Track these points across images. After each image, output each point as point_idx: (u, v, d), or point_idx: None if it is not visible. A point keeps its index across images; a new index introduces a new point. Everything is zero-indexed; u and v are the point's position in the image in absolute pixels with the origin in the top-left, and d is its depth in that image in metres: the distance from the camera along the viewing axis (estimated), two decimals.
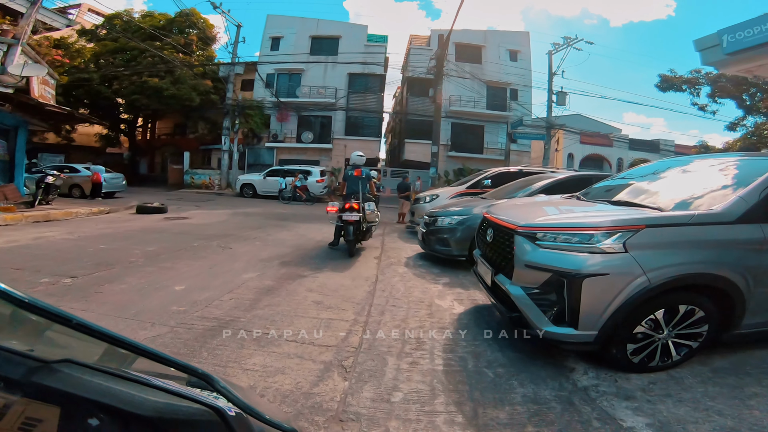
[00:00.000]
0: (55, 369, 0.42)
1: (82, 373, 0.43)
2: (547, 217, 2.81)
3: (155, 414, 0.44)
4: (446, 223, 5.63)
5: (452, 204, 6.50)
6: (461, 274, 5.28)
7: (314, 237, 7.92)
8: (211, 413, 0.46)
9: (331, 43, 25.72)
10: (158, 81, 20.97)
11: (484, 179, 8.58)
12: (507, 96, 25.17)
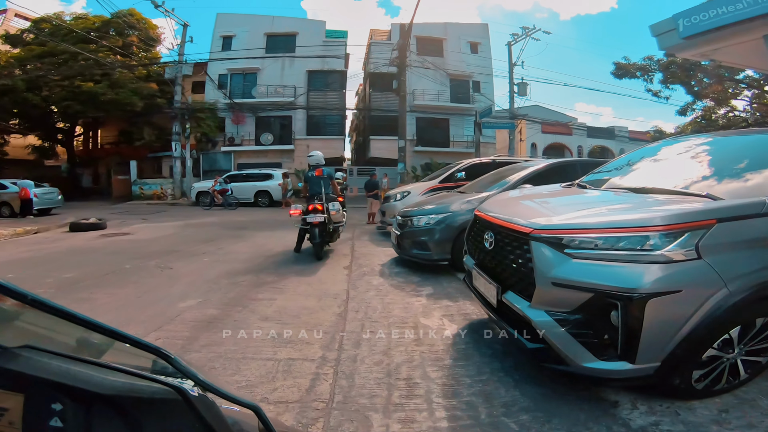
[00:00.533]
0: (15, 353, 0.42)
1: (42, 357, 0.43)
2: (572, 215, 2.11)
3: (116, 393, 0.43)
4: (422, 223, 4.91)
5: (426, 201, 5.79)
6: (445, 281, 4.59)
7: (274, 247, 7.00)
8: (172, 392, 0.46)
9: (287, 40, 24.53)
10: (93, 85, 19.04)
11: (457, 172, 7.98)
12: (470, 88, 24.99)
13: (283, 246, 7.11)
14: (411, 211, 5.24)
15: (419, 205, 5.45)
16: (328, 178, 6.49)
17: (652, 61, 20.11)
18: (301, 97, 22.98)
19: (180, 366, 0.49)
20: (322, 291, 4.24)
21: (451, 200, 5.18)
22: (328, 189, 6.43)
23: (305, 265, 5.51)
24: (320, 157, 6.66)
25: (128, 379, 0.46)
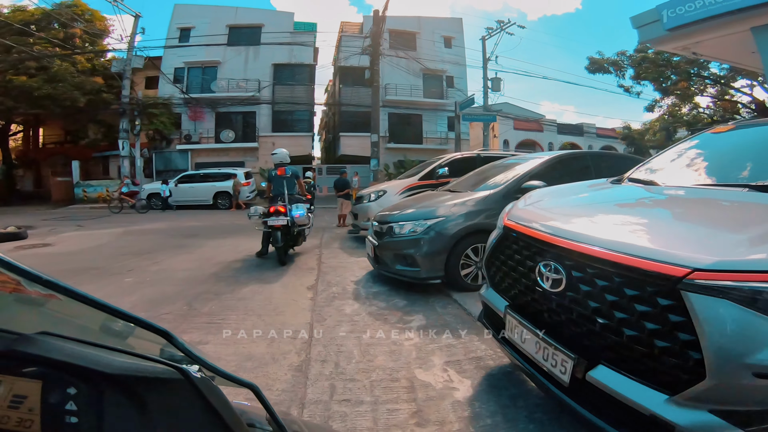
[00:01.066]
0: (34, 339, 0.44)
1: (58, 342, 0.45)
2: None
3: (123, 372, 0.45)
4: (406, 231, 3.88)
5: (407, 203, 4.75)
6: (438, 304, 3.60)
7: (224, 259, 5.78)
8: (174, 372, 0.48)
9: (252, 32, 22.94)
10: (27, 79, 16.83)
11: (439, 167, 7.02)
12: (443, 83, 24.30)
13: (236, 256, 5.91)
14: (391, 215, 4.20)
15: (400, 208, 4.40)
16: (293, 177, 6.08)
17: (624, 56, 20.11)
18: (266, 91, 21.48)
19: (182, 346, 0.51)
20: (276, 326, 3.13)
21: (439, 201, 4.17)
22: (293, 189, 6.01)
23: (259, 284, 4.36)
24: (284, 155, 6.16)
25: (136, 360, 0.48)
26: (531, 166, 4.17)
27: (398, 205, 4.69)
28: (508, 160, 5.30)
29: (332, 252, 6.37)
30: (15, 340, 0.44)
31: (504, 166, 4.83)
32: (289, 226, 5.55)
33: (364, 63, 21.41)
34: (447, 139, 23.62)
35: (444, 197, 4.31)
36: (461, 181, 5.19)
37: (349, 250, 6.46)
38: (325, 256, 5.98)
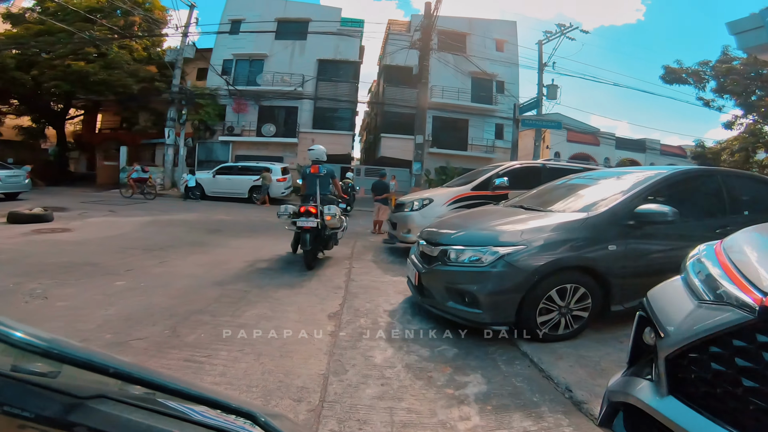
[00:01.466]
0: (89, 407, 0.40)
1: (118, 411, 0.41)
2: None
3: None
4: (467, 259, 2.86)
5: (466, 220, 3.69)
6: (501, 357, 2.62)
7: (239, 264, 5.05)
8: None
9: (299, 26, 22.74)
10: (84, 64, 17.36)
11: (496, 177, 5.96)
12: (493, 88, 22.95)
13: (253, 262, 5.17)
14: (446, 235, 3.20)
15: (456, 226, 3.38)
16: (328, 176, 5.64)
17: (707, 66, 17.93)
18: (310, 87, 21.12)
19: (263, 423, 0.47)
20: (276, 377, 2.26)
21: (512, 222, 3.12)
22: (327, 189, 5.61)
23: (270, 305, 3.53)
24: (320, 152, 5.76)
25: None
26: (645, 184, 3.05)
27: (452, 222, 3.69)
28: (592, 174, 4.20)
29: (364, 266, 5.48)
30: (71, 405, 0.39)
31: (592, 180, 3.75)
32: (320, 229, 5.16)
33: (410, 62, 20.63)
34: (494, 147, 22.26)
35: (516, 216, 3.29)
36: (532, 195, 4.13)
37: (384, 265, 5.55)
38: (356, 271, 5.10)
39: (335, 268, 5.19)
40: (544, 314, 2.77)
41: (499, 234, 2.88)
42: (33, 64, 18.11)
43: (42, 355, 0.40)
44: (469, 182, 6.15)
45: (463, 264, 2.83)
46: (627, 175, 3.44)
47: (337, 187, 5.90)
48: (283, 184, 16.35)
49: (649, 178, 3.11)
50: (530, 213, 3.29)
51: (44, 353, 0.40)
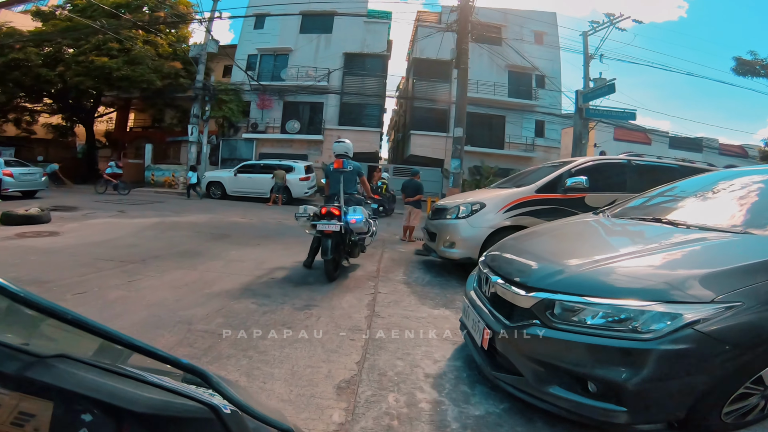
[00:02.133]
0: (49, 364, 0.42)
1: (77, 369, 0.43)
2: None
3: (149, 410, 0.43)
4: (609, 322, 1.50)
5: (559, 239, 2.37)
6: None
7: (229, 286, 3.91)
8: (206, 410, 0.45)
9: (324, 20, 21.83)
10: (107, 60, 17.05)
11: (569, 175, 4.57)
12: (533, 83, 21.21)
13: (248, 283, 4.02)
14: (547, 271, 1.84)
15: (556, 255, 2.00)
16: (354, 173, 4.91)
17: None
18: (336, 82, 20.12)
19: (217, 385, 0.47)
20: None
21: (684, 253, 1.75)
22: (353, 188, 4.92)
23: (249, 365, 2.35)
24: (347, 147, 5.00)
25: (161, 395, 0.44)
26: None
27: (539, 244, 2.38)
28: (740, 171, 2.80)
29: (393, 290, 4.23)
30: (30, 363, 0.41)
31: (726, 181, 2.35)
32: (343, 234, 4.45)
33: (441, 55, 19.25)
34: (533, 145, 20.51)
35: (674, 239, 1.92)
36: (657, 202, 2.74)
37: (420, 289, 4.29)
38: (382, 299, 3.86)
39: (355, 294, 3.97)
40: (736, 401, 1.44)
41: (668, 279, 1.53)
42: (59, 61, 18.02)
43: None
44: (529, 183, 4.78)
45: (593, 329, 1.52)
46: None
47: (365, 186, 5.20)
48: (306, 183, 15.36)
49: None
50: (690, 233, 1.93)
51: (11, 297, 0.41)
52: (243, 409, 0.49)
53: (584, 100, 11.98)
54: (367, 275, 4.72)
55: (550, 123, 20.93)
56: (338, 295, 3.92)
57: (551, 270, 1.81)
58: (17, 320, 0.49)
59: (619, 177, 4.81)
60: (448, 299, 4.00)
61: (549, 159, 21.73)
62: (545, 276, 1.79)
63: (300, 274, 4.57)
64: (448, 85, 20.22)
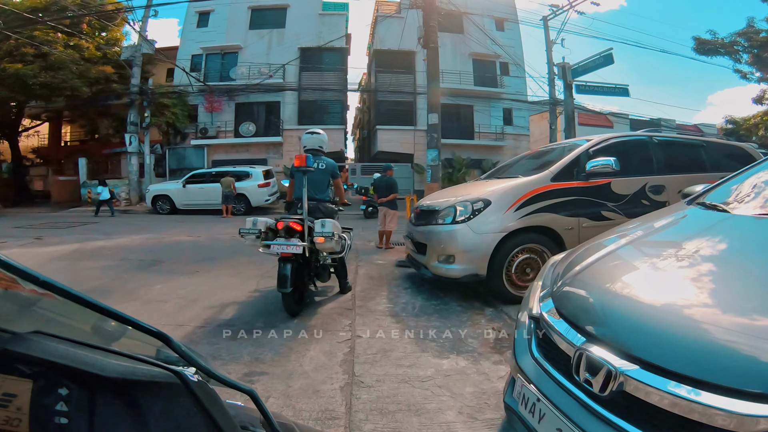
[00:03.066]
0: (26, 338, 0.43)
1: (52, 342, 0.45)
2: None
3: (118, 375, 0.45)
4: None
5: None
6: None
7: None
8: (171, 375, 0.47)
9: (276, 14, 20.31)
10: (21, 67, 14.79)
11: (587, 157, 3.57)
12: (497, 70, 20.65)
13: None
14: None
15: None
16: (326, 172, 3.73)
17: (743, 37, 15.84)
18: (293, 77, 18.67)
19: (179, 348, 0.50)
20: None
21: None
22: (323, 192, 3.72)
23: None
24: (321, 140, 3.90)
25: (131, 363, 0.47)
26: None
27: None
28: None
29: (378, 327, 3.06)
30: (7, 339, 0.43)
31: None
32: (309, 257, 3.33)
33: (403, 46, 18.24)
34: (503, 134, 19.92)
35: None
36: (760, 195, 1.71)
37: (414, 322, 3.15)
38: (365, 352, 2.67)
39: (324, 343, 2.78)
40: None
41: None
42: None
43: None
44: (541, 169, 3.73)
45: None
46: None
47: (339, 191, 4.01)
48: (266, 190, 13.90)
49: None
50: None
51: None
52: (205, 371, 0.50)
53: (573, 76, 11.16)
54: (339, 307, 3.53)
55: (517, 110, 20.44)
56: (299, 347, 2.71)
57: None
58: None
59: (643, 157, 3.89)
60: (455, 336, 2.90)
61: (519, 147, 21.24)
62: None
63: (247, 314, 3.32)
64: (411, 76, 19.28)
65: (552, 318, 1.32)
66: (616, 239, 1.70)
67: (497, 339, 2.92)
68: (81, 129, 24.00)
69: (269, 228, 3.29)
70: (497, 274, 3.27)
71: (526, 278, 3.44)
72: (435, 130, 7.09)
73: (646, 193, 3.75)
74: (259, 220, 3.29)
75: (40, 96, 15.62)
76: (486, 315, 3.36)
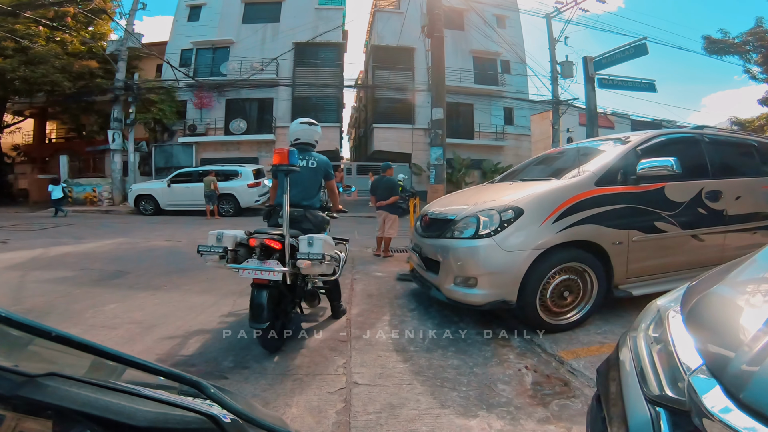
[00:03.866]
0: (40, 383, 0.41)
1: (69, 386, 0.42)
2: None
3: (148, 424, 0.42)
4: None
5: None
6: None
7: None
8: (205, 421, 0.44)
9: (270, 8, 19.55)
10: (0, 60, 13.97)
11: (636, 157, 2.93)
12: (498, 68, 20.07)
13: None
14: None
15: None
16: (317, 171, 3.00)
17: (753, 36, 15.43)
18: (286, 73, 17.95)
19: (215, 396, 0.46)
20: None
21: None
22: (312, 196, 2.97)
23: None
24: (312, 132, 3.10)
25: (159, 408, 0.43)
26: None
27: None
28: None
29: (380, 372, 2.37)
30: (20, 383, 0.40)
31: None
32: (292, 284, 2.60)
33: (402, 42, 17.60)
34: (504, 133, 19.34)
35: None
36: None
37: (425, 360, 2.47)
38: (365, 409, 1.99)
39: (310, 395, 2.10)
40: None
41: None
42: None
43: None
44: (555, 172, 3.06)
45: None
46: None
47: (332, 195, 3.30)
48: (256, 190, 13.15)
49: None
50: None
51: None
52: (243, 417, 0.48)
53: (596, 68, 10.32)
54: (331, 338, 2.85)
55: (518, 110, 19.88)
56: (277, 401, 2.03)
57: None
58: (3, 342, 0.48)
59: (696, 157, 3.25)
60: (480, 381, 2.24)
61: (520, 147, 20.69)
62: None
63: (214, 348, 2.63)
64: (410, 73, 18.65)
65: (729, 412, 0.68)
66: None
67: (536, 384, 2.27)
68: (65, 126, 23.13)
69: (240, 243, 2.59)
70: (530, 301, 2.61)
71: (564, 303, 2.79)
72: (439, 126, 6.40)
73: (702, 201, 3.12)
74: (225, 235, 2.54)
75: (19, 91, 14.82)
76: (514, 347, 2.70)
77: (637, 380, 1.01)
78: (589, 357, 2.52)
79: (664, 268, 3.03)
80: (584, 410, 2.01)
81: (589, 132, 10.74)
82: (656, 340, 1.10)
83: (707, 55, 16.12)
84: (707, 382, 0.84)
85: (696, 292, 1.20)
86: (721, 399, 0.79)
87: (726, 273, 1.29)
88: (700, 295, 1.17)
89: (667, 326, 1.10)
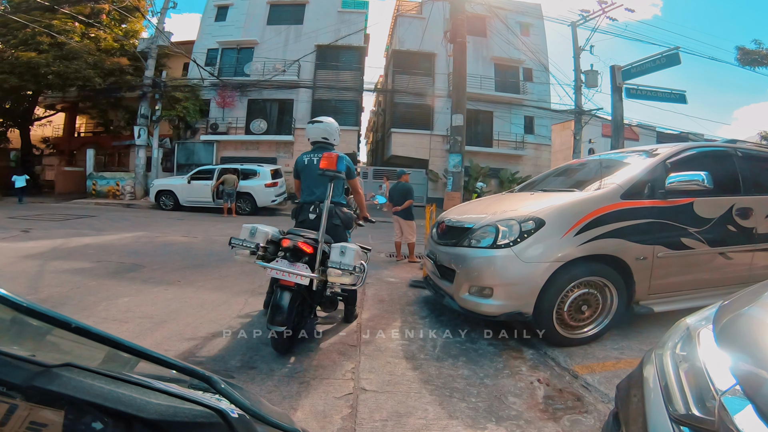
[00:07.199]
0: (56, 373, 0.42)
1: (84, 377, 0.43)
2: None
3: (158, 416, 0.43)
4: None
5: None
6: None
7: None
8: (213, 415, 0.45)
9: (295, 10, 19.87)
10: (35, 55, 14.52)
11: (664, 170, 2.81)
12: (520, 76, 19.84)
13: None
14: None
15: None
16: (335, 177, 2.68)
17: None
18: (307, 75, 18.14)
19: (224, 391, 0.47)
20: None
21: None
22: (338, 195, 2.91)
23: None
24: (329, 129, 3.05)
25: (169, 401, 0.44)
26: None
27: None
28: None
29: (388, 379, 2.33)
30: (36, 373, 0.41)
31: None
32: (316, 291, 2.54)
33: (423, 47, 17.63)
34: (523, 143, 19.08)
35: None
36: None
37: (435, 369, 2.41)
38: (370, 416, 1.94)
39: (316, 399, 2.07)
40: None
41: None
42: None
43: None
44: (603, 185, 2.94)
45: None
46: None
47: (358, 198, 3.32)
48: (273, 190, 13.27)
49: None
50: None
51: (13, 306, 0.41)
52: (250, 413, 0.49)
53: (624, 78, 9.99)
54: (341, 342, 2.81)
55: (539, 119, 19.58)
56: (283, 404, 2.00)
57: None
58: (22, 332, 0.48)
59: (727, 172, 3.11)
60: (490, 393, 2.17)
61: (540, 157, 20.37)
62: None
63: (221, 346, 2.63)
64: (430, 78, 18.62)
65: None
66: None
67: (547, 397, 2.19)
68: (93, 120, 23.91)
69: (271, 240, 2.58)
70: (546, 314, 2.52)
71: (581, 317, 2.69)
72: (459, 133, 6.33)
73: (732, 217, 2.98)
74: (259, 230, 2.55)
75: (52, 85, 15.35)
76: (526, 359, 2.62)
77: (662, 398, 0.97)
78: (604, 372, 2.43)
79: (688, 285, 2.91)
80: (597, 426, 1.93)
81: (614, 143, 10.40)
82: (684, 359, 1.05)
83: (741, 66, 15.63)
84: (740, 402, 0.82)
85: (729, 312, 1.14)
86: (753, 420, 0.78)
87: (760, 293, 1.23)
88: (733, 314, 1.12)
89: (697, 345, 1.05)
